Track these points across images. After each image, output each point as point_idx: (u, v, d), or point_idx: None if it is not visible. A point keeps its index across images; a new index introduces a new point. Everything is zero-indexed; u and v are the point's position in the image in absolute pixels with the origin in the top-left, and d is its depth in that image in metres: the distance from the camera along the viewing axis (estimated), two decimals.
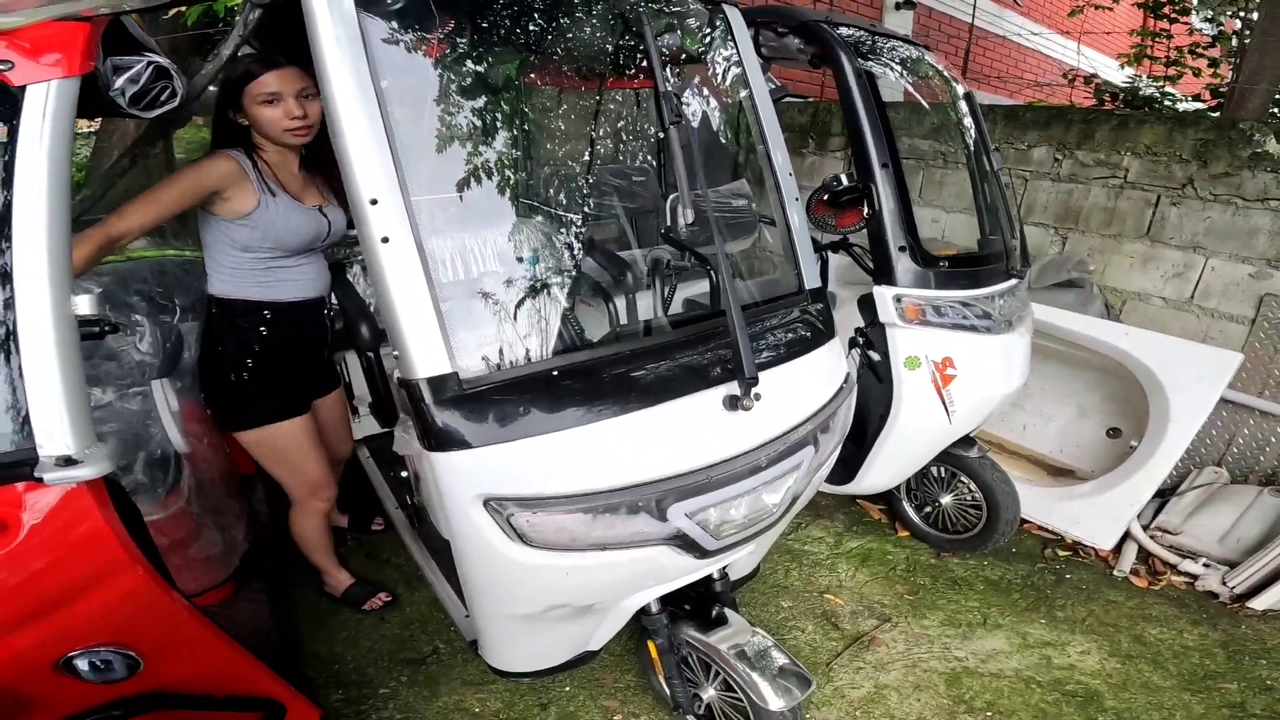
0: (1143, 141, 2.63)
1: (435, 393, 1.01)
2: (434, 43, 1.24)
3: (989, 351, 1.93)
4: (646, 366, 1.15)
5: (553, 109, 1.86)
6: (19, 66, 0.93)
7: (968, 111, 2.12)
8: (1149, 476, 2.29)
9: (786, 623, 2.13)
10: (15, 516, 0.89)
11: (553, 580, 1.18)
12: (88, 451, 0.90)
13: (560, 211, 1.26)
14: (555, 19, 1.53)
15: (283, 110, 1.46)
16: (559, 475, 1.07)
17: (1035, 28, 5.35)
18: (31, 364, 0.87)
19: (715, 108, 1.60)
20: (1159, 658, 2.02)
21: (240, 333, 1.56)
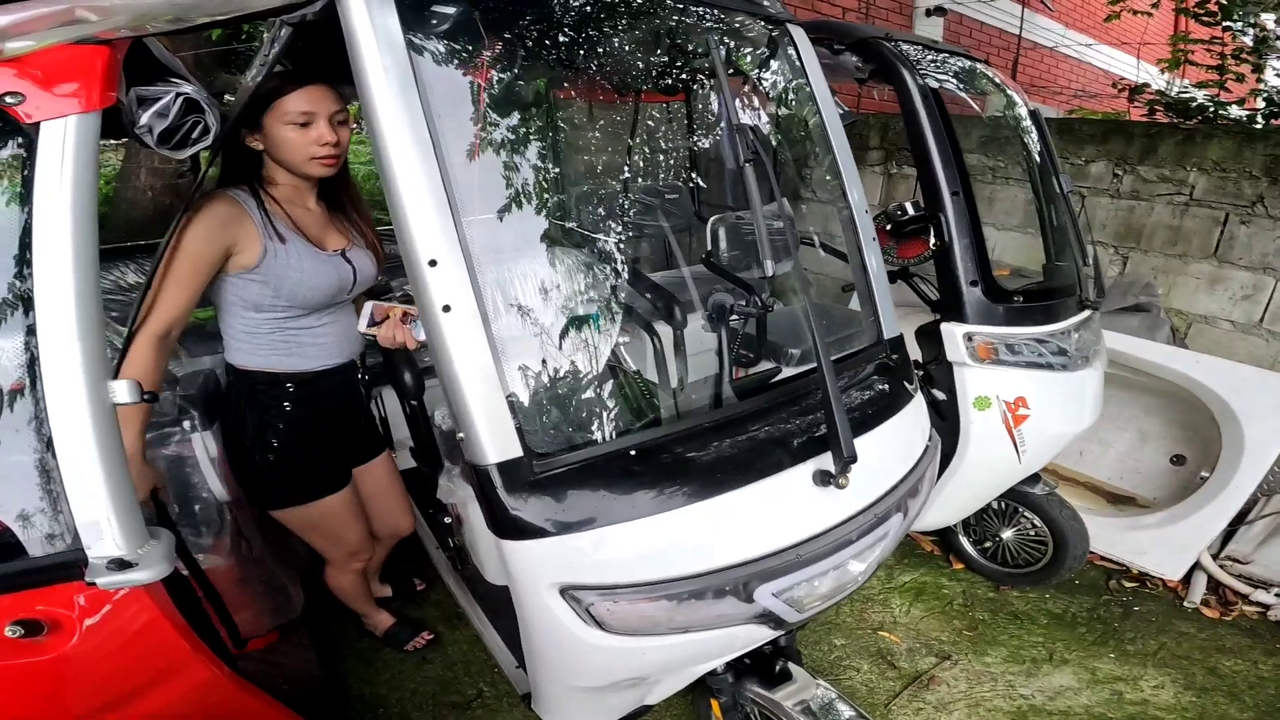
0: (1210, 157, 2.46)
1: (507, 479, 0.91)
2: (490, 73, 1.14)
3: (1064, 389, 1.80)
4: (729, 442, 1.04)
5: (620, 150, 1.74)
6: (31, 99, 0.79)
7: (1034, 130, 1.98)
8: (1222, 508, 2.14)
9: (840, 662, 2.02)
10: (68, 618, 0.81)
11: (628, 660, 1.08)
12: (141, 552, 0.81)
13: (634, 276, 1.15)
14: (616, 43, 1.42)
15: (314, 135, 1.24)
16: (641, 563, 0.97)
17: (1068, 33, 5.14)
18: (70, 459, 0.77)
19: (782, 136, 1.48)
20: (1235, 689, 1.91)
21: (261, 409, 1.35)
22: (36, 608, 0.80)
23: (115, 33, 0.84)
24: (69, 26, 0.81)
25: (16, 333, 0.80)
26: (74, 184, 0.80)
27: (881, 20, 4.32)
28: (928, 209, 1.71)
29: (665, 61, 1.56)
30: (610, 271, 1.10)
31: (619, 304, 1.07)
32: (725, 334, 1.28)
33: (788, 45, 1.45)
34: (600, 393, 1.00)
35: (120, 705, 0.89)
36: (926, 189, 1.71)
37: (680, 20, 1.37)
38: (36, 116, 0.79)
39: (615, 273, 1.12)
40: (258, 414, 1.34)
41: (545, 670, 1.21)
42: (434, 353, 0.92)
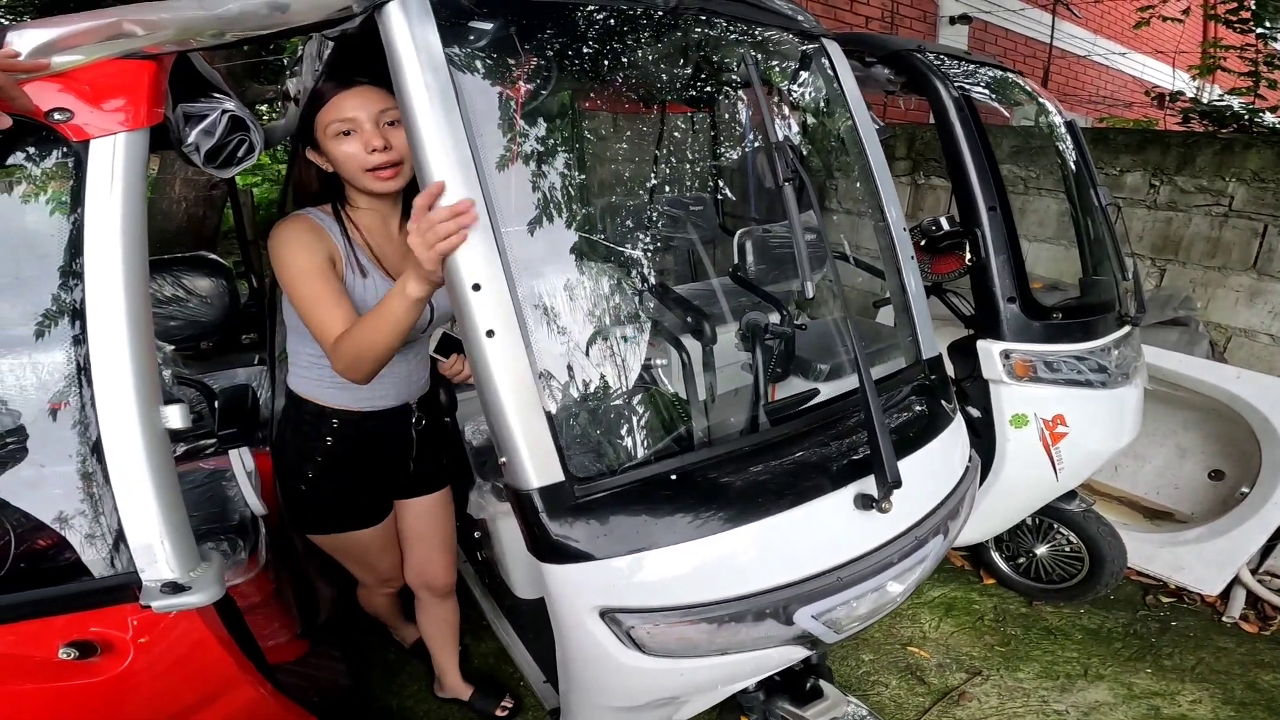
0: (1249, 166, 2.38)
1: (548, 504, 0.90)
2: (529, 89, 1.13)
3: (1104, 407, 1.75)
4: (770, 466, 1.02)
5: (651, 164, 1.73)
6: (79, 115, 0.78)
7: (1070, 141, 1.93)
8: (1262, 523, 2.07)
9: (869, 677, 1.98)
10: (121, 639, 0.82)
11: (665, 681, 1.06)
12: (193, 575, 0.81)
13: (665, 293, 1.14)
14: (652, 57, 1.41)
15: (360, 142, 1.11)
16: (681, 586, 0.96)
17: (1099, 41, 5.03)
18: (123, 484, 0.77)
19: (819, 152, 1.46)
20: (1274, 703, 1.86)
21: (302, 438, 1.29)
22: (90, 629, 0.81)
23: (161, 47, 0.82)
24: (116, 40, 0.79)
25: (68, 356, 0.80)
26: (124, 204, 0.79)
27: (905, 29, 4.27)
28: (964, 224, 1.67)
29: (699, 75, 1.55)
30: (648, 294, 1.08)
31: (657, 326, 1.05)
32: (761, 355, 1.26)
33: (823, 60, 1.43)
34: (639, 417, 0.99)
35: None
36: (962, 204, 1.67)
37: (715, 35, 1.36)
38: (86, 134, 0.78)
39: (654, 295, 1.10)
40: (298, 442, 1.30)
41: (579, 691, 1.20)
42: (477, 377, 0.92)
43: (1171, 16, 3.53)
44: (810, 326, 1.47)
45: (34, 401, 0.82)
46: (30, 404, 0.82)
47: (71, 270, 0.79)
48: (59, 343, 0.81)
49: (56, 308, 0.82)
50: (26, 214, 0.83)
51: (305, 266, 1.10)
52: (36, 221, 0.83)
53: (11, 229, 0.86)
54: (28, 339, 0.82)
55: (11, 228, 0.86)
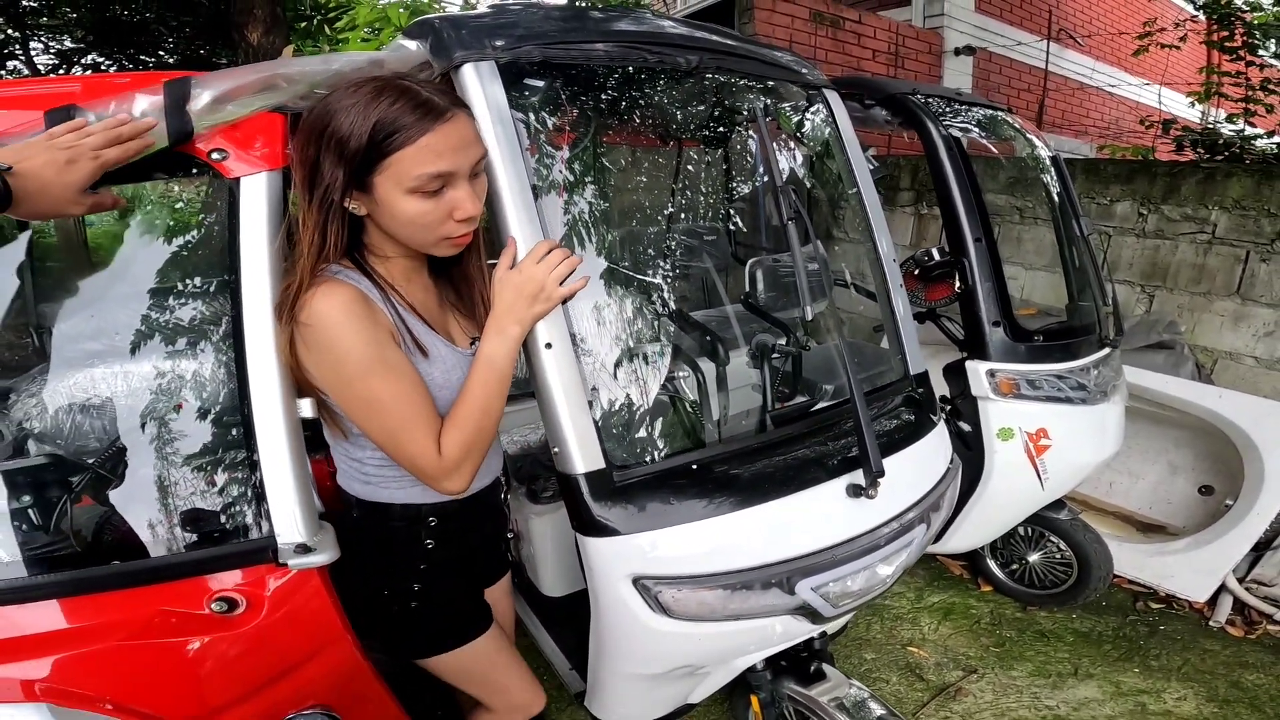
0: (1230, 195, 2.65)
1: (592, 487, 1.16)
2: (575, 136, 1.41)
3: (1084, 422, 2.00)
4: (778, 459, 1.28)
5: (680, 199, 2.02)
6: (233, 156, 0.98)
7: (1054, 175, 2.21)
8: (1244, 534, 2.31)
9: (870, 674, 2.21)
10: (259, 596, 1.07)
11: (685, 645, 1.31)
12: (316, 539, 1.07)
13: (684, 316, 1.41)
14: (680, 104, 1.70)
15: (450, 204, 0.91)
16: (701, 557, 1.21)
17: (1100, 68, 5.37)
18: (269, 461, 1.03)
19: (820, 192, 1.74)
20: (1257, 701, 2.06)
21: (395, 551, 1.13)
22: (235, 586, 1.07)
23: (295, 103, 1.03)
24: (269, 93, 1.01)
25: (228, 356, 1.07)
26: (268, 231, 1.02)
27: (911, 60, 4.60)
28: (952, 254, 1.94)
29: (715, 118, 1.84)
30: (673, 311, 1.35)
31: (681, 340, 1.32)
32: (768, 370, 1.53)
33: (823, 108, 1.71)
34: (667, 417, 1.25)
35: (288, 675, 1.11)
36: (951, 235, 1.94)
37: (730, 85, 1.64)
38: (236, 172, 1.01)
39: (678, 314, 1.37)
40: (392, 558, 1.13)
41: (608, 659, 1.43)
42: (536, 383, 1.18)
43: (1168, 44, 3.84)
44: (817, 351, 1.73)
45: (193, 395, 1.09)
46: (190, 397, 1.09)
47: (228, 284, 1.02)
48: (219, 343, 1.05)
49: (214, 315, 1.09)
50: (191, 235, 1.11)
51: (374, 358, 0.90)
52: (196, 241, 1.11)
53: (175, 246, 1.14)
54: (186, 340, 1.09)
55: (175, 245, 1.14)
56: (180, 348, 1.10)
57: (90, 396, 1.23)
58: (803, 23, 4.18)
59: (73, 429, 1.26)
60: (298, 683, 1.13)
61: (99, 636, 1.00)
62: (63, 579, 0.98)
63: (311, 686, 1.15)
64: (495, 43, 1.19)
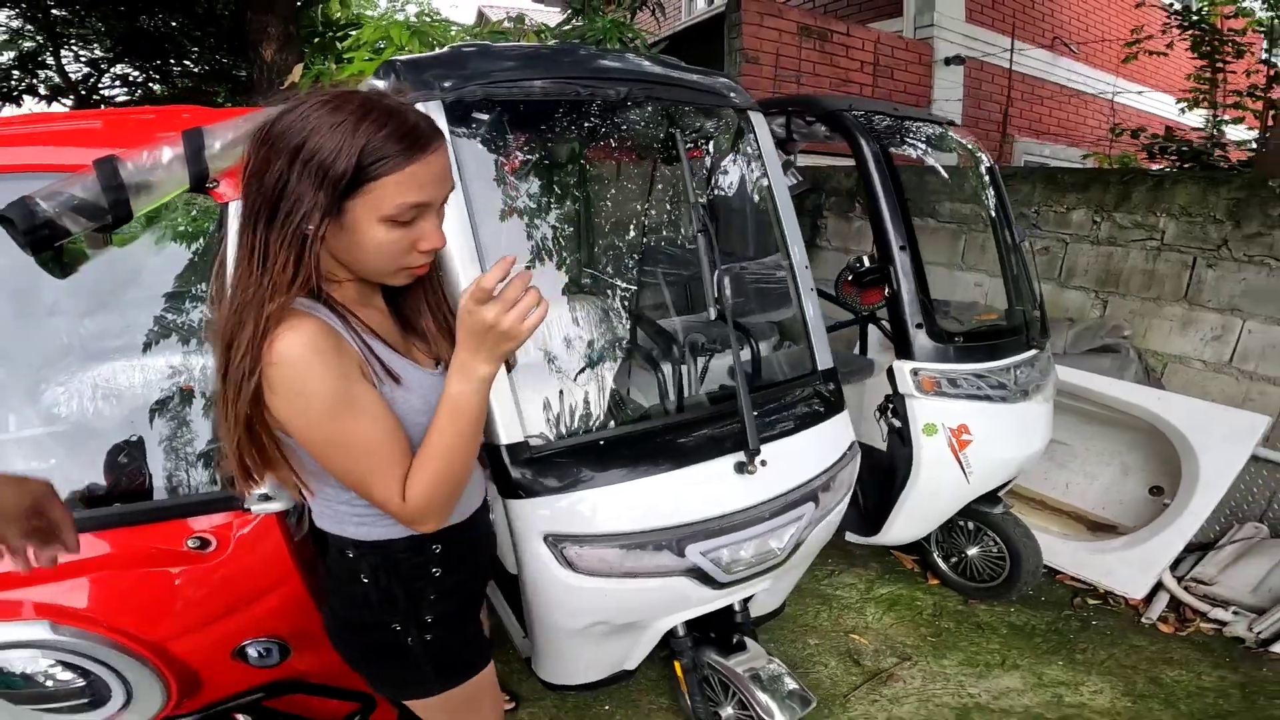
0: (1178, 202, 2.82)
1: (512, 456, 1.43)
2: (511, 157, 1.69)
3: (1005, 418, 2.20)
4: (676, 437, 1.53)
5: (610, 203, 2.29)
6: (223, 185, 1.28)
7: (990, 185, 2.42)
8: (1180, 531, 2.48)
9: (811, 658, 2.42)
10: (227, 537, 1.36)
11: (594, 600, 1.55)
12: (276, 491, 1.36)
13: (610, 304, 1.67)
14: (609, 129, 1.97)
15: (418, 235, 0.90)
16: (601, 519, 1.46)
17: (1096, 75, 5.50)
18: None
19: (744, 204, 1.99)
20: (1172, 697, 2.19)
21: (408, 584, 1.10)
22: (209, 528, 1.35)
23: None
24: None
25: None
26: None
27: (901, 71, 4.81)
28: (880, 262, 2.17)
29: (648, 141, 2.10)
30: (592, 311, 1.62)
31: (598, 335, 1.59)
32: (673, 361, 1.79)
33: (748, 128, 1.95)
34: (579, 401, 1.51)
35: (248, 605, 1.39)
36: (879, 245, 2.17)
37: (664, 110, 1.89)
38: (227, 198, 1.30)
39: (599, 313, 1.64)
40: (405, 588, 1.09)
41: (536, 614, 1.68)
42: None
43: (1156, 50, 4.00)
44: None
45: (186, 378, 1.39)
46: (183, 380, 1.39)
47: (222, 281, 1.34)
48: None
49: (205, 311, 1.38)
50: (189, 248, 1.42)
51: (341, 397, 0.87)
52: (195, 253, 1.41)
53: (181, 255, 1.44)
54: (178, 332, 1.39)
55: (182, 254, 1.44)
56: (178, 339, 1.40)
57: (111, 380, 1.53)
58: (790, 36, 4.41)
59: (95, 404, 1.57)
60: (256, 614, 1.41)
61: (96, 567, 1.29)
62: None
63: (268, 619, 1.43)
64: (443, 83, 1.48)
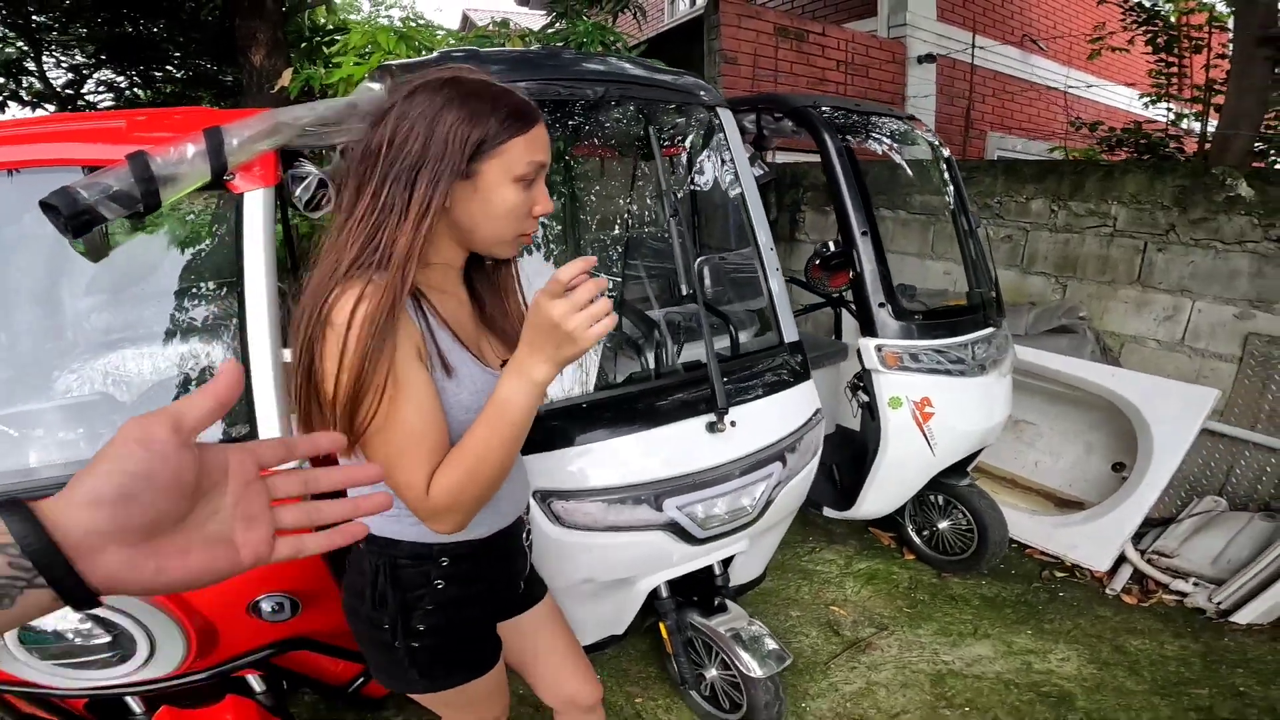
0: (1127, 190, 3.06)
1: None
2: None
3: (964, 392, 2.41)
4: (653, 400, 1.72)
5: (593, 197, 2.49)
6: (239, 177, 1.46)
7: (949, 175, 2.64)
8: (1138, 504, 2.68)
9: (793, 629, 2.60)
10: None
11: (581, 556, 1.73)
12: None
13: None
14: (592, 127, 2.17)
15: (532, 197, 0.95)
16: (586, 475, 1.65)
17: (1063, 70, 5.82)
18: (259, 390, 1.49)
19: (713, 193, 2.19)
20: (1136, 665, 2.36)
21: (404, 590, 1.09)
22: None
23: (286, 145, 1.52)
24: (276, 135, 1.47)
25: (232, 313, 1.54)
26: (264, 230, 1.48)
27: (876, 70, 5.08)
28: (844, 246, 2.38)
29: (627, 135, 2.30)
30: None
31: None
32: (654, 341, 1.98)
33: (717, 123, 2.16)
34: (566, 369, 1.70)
35: None
36: (843, 230, 2.38)
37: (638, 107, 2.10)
38: (242, 189, 1.48)
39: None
40: (400, 596, 1.09)
41: None
42: None
43: (1119, 47, 4.28)
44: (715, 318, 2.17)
45: (208, 346, 1.57)
46: (205, 347, 1.57)
47: (239, 263, 1.50)
48: (228, 307, 1.53)
49: (226, 287, 1.56)
50: (209, 234, 1.60)
51: (391, 371, 0.87)
52: (214, 239, 1.59)
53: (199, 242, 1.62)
54: (205, 304, 1.57)
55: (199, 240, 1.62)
56: (204, 317, 1.58)
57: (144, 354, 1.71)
58: (768, 37, 4.66)
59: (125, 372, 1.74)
60: (268, 569, 1.57)
61: None
62: None
63: (280, 573, 1.59)
64: None
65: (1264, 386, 2.83)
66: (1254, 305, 2.83)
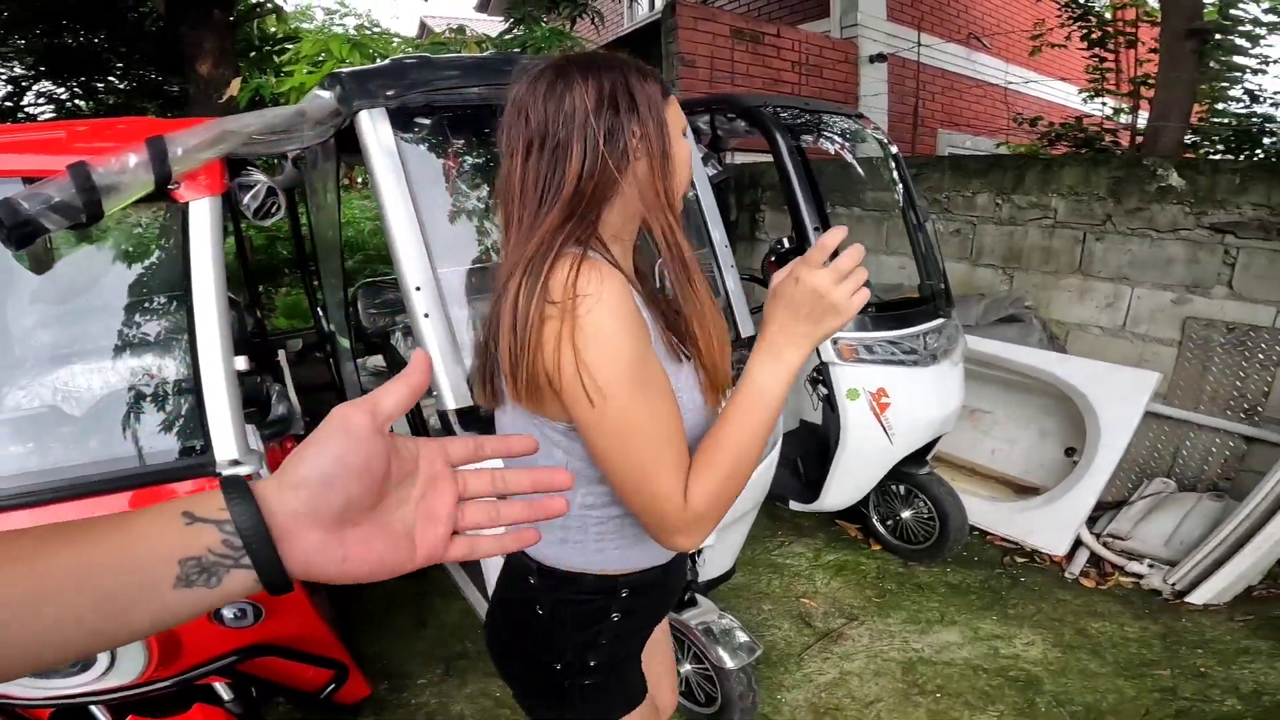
0: (1066, 183, 3.24)
1: (462, 418, 1.65)
2: (450, 156, 1.92)
3: (918, 382, 2.51)
4: None
5: None
6: (184, 187, 1.49)
7: (897, 172, 2.75)
8: (1089, 487, 2.82)
9: (766, 622, 2.67)
10: None
11: None
12: (245, 456, 1.55)
13: None
14: None
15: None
16: None
17: (1009, 68, 6.09)
18: (210, 399, 1.51)
19: None
20: (1098, 648, 2.45)
21: (582, 625, 1.02)
22: (184, 493, 1.54)
23: (233, 153, 1.55)
24: (222, 143, 1.50)
25: (182, 326, 1.55)
26: (211, 239, 1.51)
27: (829, 70, 5.24)
28: (798, 242, 2.46)
29: None
30: None
31: None
32: None
33: None
34: None
35: None
36: (796, 226, 2.47)
37: None
38: (186, 198, 1.51)
39: None
40: (578, 634, 1.02)
41: (492, 575, 1.90)
42: (419, 345, 1.66)
43: (1057, 44, 4.50)
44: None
45: (159, 357, 1.58)
46: (156, 359, 1.58)
47: (185, 273, 1.52)
48: (176, 318, 1.54)
49: (174, 297, 1.57)
50: (153, 244, 1.60)
51: (642, 368, 0.80)
52: (155, 249, 1.60)
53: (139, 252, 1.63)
54: (155, 315, 1.58)
55: (139, 251, 1.63)
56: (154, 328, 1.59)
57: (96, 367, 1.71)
58: (724, 39, 4.78)
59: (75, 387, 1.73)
60: None
61: None
62: (63, 482, 1.45)
63: None
64: (387, 92, 1.71)
65: (1204, 369, 3.00)
66: (1190, 290, 3.01)
